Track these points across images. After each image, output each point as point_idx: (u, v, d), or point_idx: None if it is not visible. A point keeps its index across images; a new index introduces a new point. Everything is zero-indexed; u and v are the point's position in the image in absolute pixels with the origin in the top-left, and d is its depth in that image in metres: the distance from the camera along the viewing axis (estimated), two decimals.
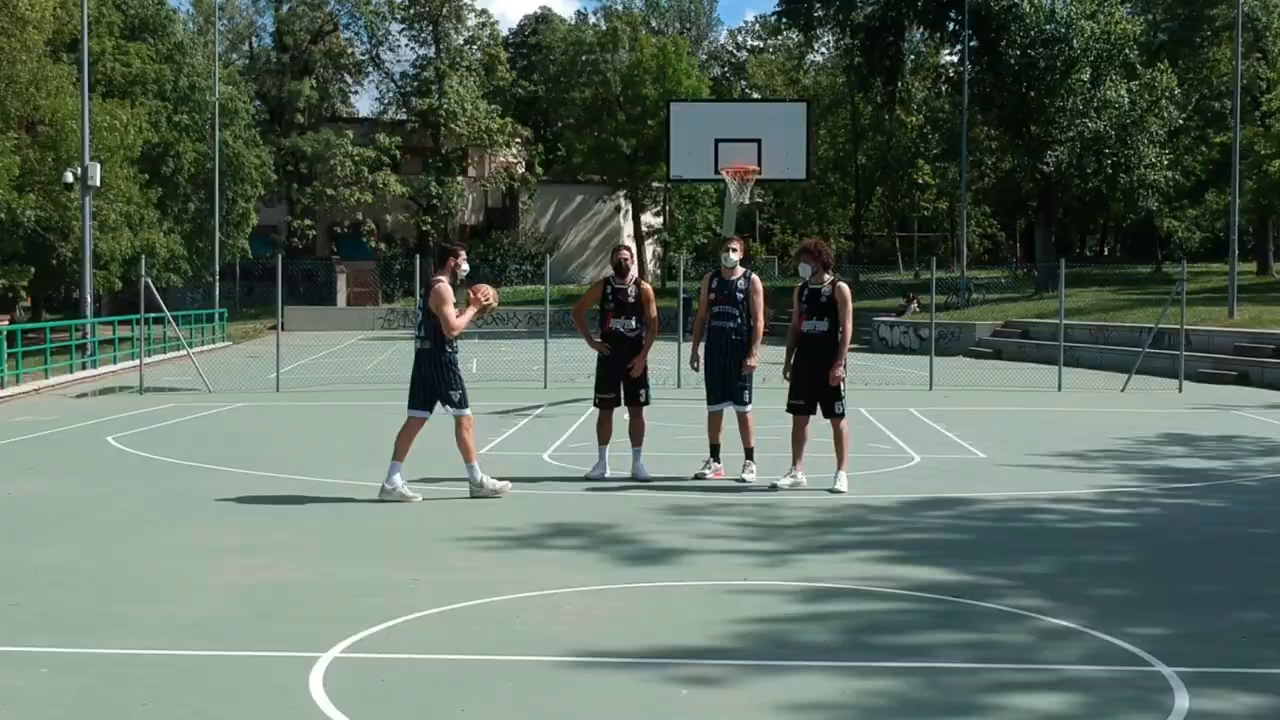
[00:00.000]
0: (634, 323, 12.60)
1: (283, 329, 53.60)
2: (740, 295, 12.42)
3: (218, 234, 44.70)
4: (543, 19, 79.45)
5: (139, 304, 23.96)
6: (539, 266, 69.13)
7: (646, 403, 12.84)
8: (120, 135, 35.96)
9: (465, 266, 11.70)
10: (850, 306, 11.84)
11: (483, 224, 71.10)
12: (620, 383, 12.71)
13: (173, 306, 50.48)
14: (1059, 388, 24.46)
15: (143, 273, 23.87)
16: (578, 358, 21.75)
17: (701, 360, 12.63)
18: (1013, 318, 40.01)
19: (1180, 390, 24.23)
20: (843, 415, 11.88)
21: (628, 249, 13.04)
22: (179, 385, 25.15)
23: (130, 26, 44.33)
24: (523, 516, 10.44)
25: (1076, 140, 48.05)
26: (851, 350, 12.47)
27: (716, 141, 19.53)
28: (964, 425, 17.95)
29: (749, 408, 12.57)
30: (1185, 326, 25.78)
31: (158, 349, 32.90)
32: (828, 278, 11.74)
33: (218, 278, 45.53)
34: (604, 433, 12.85)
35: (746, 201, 19.58)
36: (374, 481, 11.73)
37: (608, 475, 12.62)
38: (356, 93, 73.96)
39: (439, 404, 11.54)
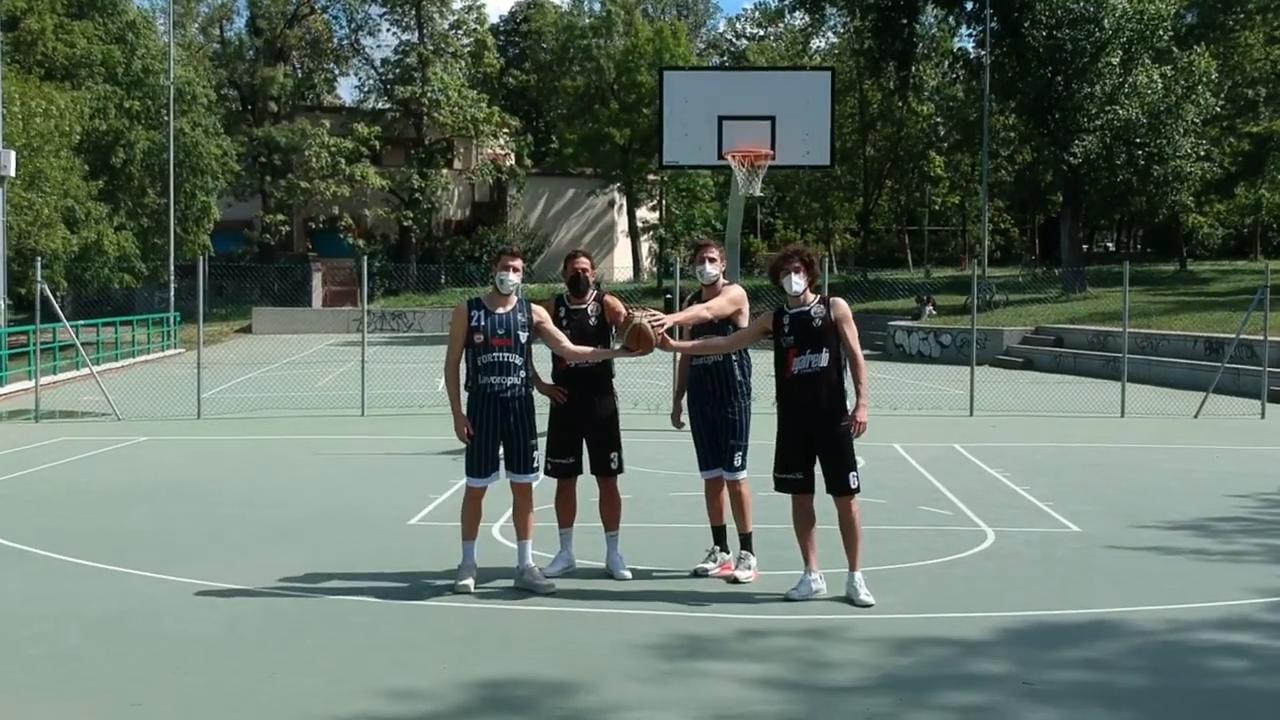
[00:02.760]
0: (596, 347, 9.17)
1: (251, 332, 50.56)
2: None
3: (173, 229, 40.96)
4: (534, 3, 75.70)
5: (110, 306, 20.76)
6: (528, 264, 65.57)
7: (618, 470, 9.28)
8: (56, 122, 32.28)
9: (512, 279, 8.89)
10: (855, 327, 8.62)
11: (469, 219, 67.39)
12: (582, 442, 9.16)
13: (136, 308, 47.19)
14: (1122, 413, 20.81)
15: (37, 277, 20.15)
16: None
17: (685, 411, 9.33)
18: (1043, 323, 36.38)
19: (1263, 416, 20.63)
20: (857, 490, 8.49)
21: (585, 257, 9.49)
22: (89, 409, 21.51)
23: (77, 3, 40.61)
24: (434, 670, 6.81)
25: (1106, 129, 44.38)
26: (867, 359, 8.93)
27: (721, 120, 15.89)
28: (1030, 472, 14.38)
29: (743, 474, 9.12)
30: (1269, 338, 22.09)
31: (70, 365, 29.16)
32: (813, 296, 8.57)
33: (173, 277, 41.78)
34: (565, 513, 9.34)
35: (757, 193, 15.93)
36: (242, 583, 8.11)
37: (575, 564, 9.17)
38: (335, 80, 69.79)
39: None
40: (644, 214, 64.51)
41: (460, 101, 61.90)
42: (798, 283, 8.51)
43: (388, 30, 65.55)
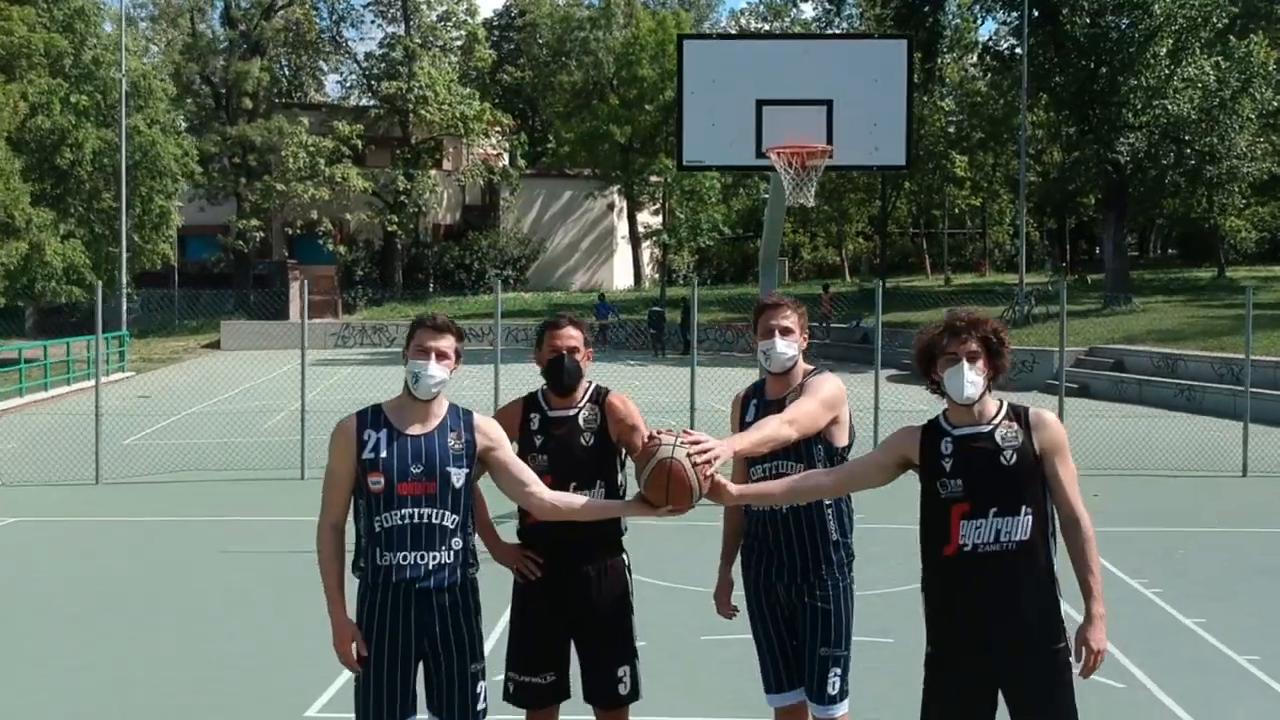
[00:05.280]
0: (597, 490, 5.30)
1: (219, 348, 46.51)
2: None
3: (124, 237, 36.92)
4: None
5: (93, 320, 16.85)
6: (522, 271, 61.56)
7: (631, 697, 5.37)
8: None
9: (435, 373, 4.86)
10: (1073, 465, 4.71)
11: (459, 223, 63.30)
12: (569, 647, 5.36)
13: (107, 323, 42.83)
14: (1243, 470, 16.80)
15: None
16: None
17: (736, 588, 5.61)
18: (1096, 342, 32.42)
19: None
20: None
21: (574, 326, 5.49)
22: None
23: None
24: None
25: (1153, 125, 40.41)
26: (895, 379, 5.15)
27: (761, 105, 11.90)
28: (1184, 585, 10.44)
29: (843, 709, 5.23)
30: None
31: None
32: (992, 403, 4.79)
33: (124, 289, 37.72)
34: None
35: (810, 202, 11.94)
36: None
37: None
38: (324, 75, 65.71)
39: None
40: (645, 218, 60.49)
41: (449, 98, 57.87)
42: (972, 381, 4.60)
43: (371, 22, 61.53)
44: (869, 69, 12.14)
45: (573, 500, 4.96)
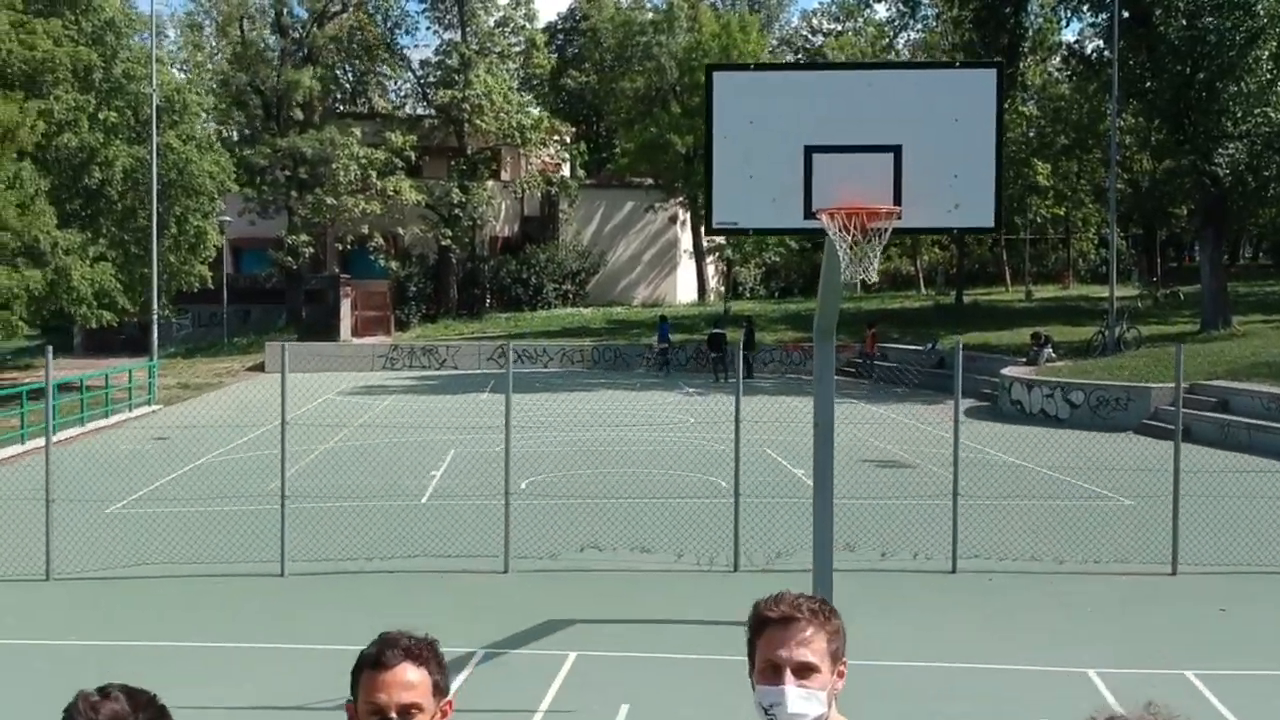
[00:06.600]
0: None
1: (264, 370, 44.61)
2: None
3: (155, 259, 35.05)
4: None
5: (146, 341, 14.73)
6: (582, 285, 59.33)
7: None
8: None
9: None
10: None
11: (517, 236, 61.16)
12: None
13: (161, 342, 41.19)
14: None
15: None
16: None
17: None
18: (1197, 377, 29.43)
19: None
20: None
21: (413, 659, 2.93)
22: None
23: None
24: None
25: (1255, 135, 37.31)
26: (975, 414, 2.62)
27: (810, 153, 9.47)
28: None
29: None
30: None
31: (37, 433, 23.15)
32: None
33: (155, 314, 35.85)
34: None
35: (872, 277, 9.48)
36: None
37: None
38: (385, 80, 63.63)
39: None
40: None
41: (506, 106, 55.80)
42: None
43: (427, 28, 59.56)
44: (948, 105, 9.63)
45: None
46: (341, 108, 60.78)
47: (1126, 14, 38.86)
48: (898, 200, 9.30)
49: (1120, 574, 13.90)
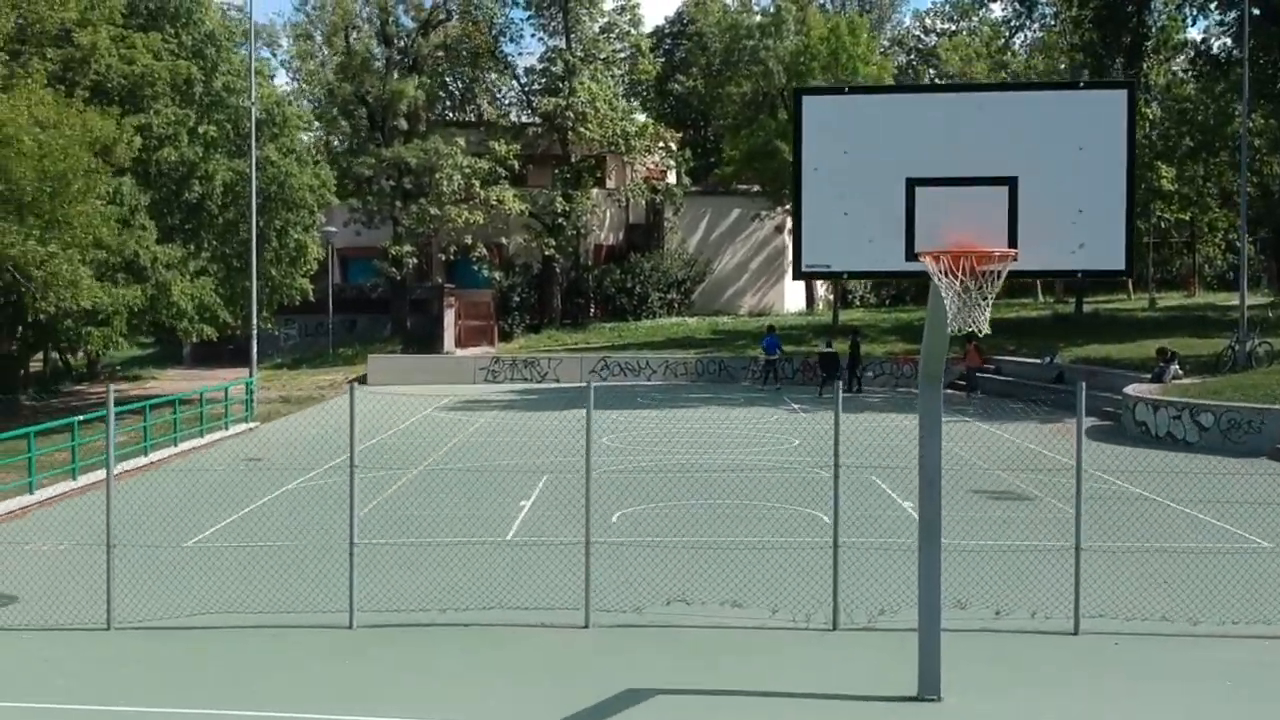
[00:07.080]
0: None
1: (366, 383, 44.36)
2: None
3: (254, 272, 34.81)
4: (699, 1, 68.45)
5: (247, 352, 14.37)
6: (687, 294, 58.40)
7: None
8: (78, 159, 26.36)
9: None
10: None
11: (621, 244, 60.38)
12: None
13: (264, 352, 41.15)
14: None
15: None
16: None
17: None
18: None
19: None
20: None
21: None
22: None
23: (148, 13, 34.78)
24: None
25: None
26: (1097, 437, 1.51)
27: (912, 186, 8.42)
28: None
29: None
30: None
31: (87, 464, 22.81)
32: None
33: (255, 329, 35.63)
34: None
35: (984, 328, 8.38)
36: None
37: None
38: (495, 87, 63.17)
39: None
40: None
41: (610, 113, 55.07)
42: None
43: (531, 35, 59.06)
44: (1072, 131, 8.48)
45: None
46: (450, 115, 60.60)
47: (1257, 11, 36.94)
48: (1013, 241, 8.20)
49: (1265, 637, 12.55)
